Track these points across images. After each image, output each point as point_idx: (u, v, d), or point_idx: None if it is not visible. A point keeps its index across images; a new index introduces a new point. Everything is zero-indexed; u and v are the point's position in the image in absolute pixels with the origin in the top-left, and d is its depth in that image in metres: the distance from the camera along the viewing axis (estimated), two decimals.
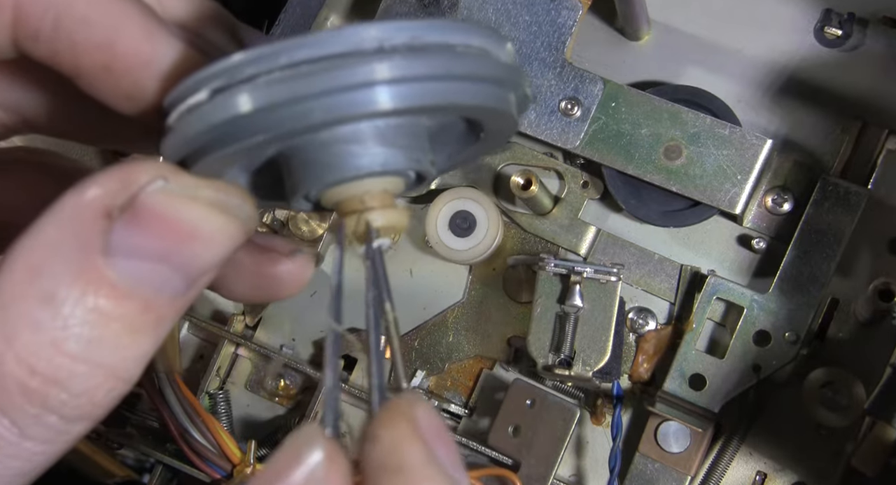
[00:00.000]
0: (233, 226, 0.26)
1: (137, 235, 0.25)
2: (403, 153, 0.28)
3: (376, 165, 0.27)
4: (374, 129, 0.27)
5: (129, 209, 0.25)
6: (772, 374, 0.55)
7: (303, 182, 0.28)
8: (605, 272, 0.55)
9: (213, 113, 0.25)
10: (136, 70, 0.28)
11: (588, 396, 0.61)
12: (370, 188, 0.28)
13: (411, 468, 0.24)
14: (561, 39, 0.58)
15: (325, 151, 0.27)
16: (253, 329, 0.68)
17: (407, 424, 0.25)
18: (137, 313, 0.25)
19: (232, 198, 0.26)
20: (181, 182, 0.25)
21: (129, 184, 0.25)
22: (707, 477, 0.58)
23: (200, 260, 0.26)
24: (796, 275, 0.55)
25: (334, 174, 0.27)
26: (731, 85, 0.60)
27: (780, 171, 0.58)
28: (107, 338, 0.25)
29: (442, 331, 0.64)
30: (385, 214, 0.28)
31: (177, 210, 0.25)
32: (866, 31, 0.58)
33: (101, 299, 0.24)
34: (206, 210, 0.25)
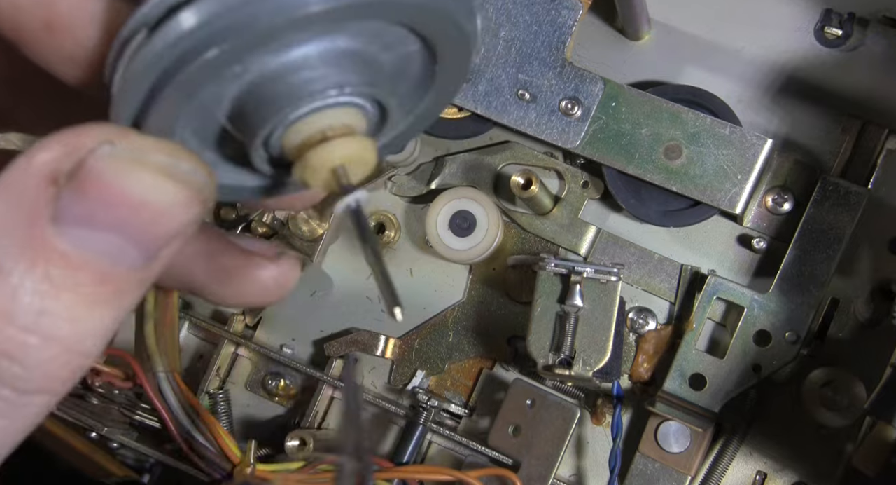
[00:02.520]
0: (184, 194, 0.25)
1: (85, 202, 0.24)
2: (357, 75, 0.27)
3: (332, 86, 0.27)
4: (325, 53, 0.26)
5: (75, 175, 0.24)
6: (772, 374, 0.55)
7: (260, 125, 0.27)
8: (606, 272, 0.55)
9: (156, 42, 0.24)
10: (77, 27, 0.27)
11: (588, 396, 0.61)
12: (330, 122, 0.27)
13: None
14: (561, 39, 0.58)
15: (277, 84, 0.26)
16: (253, 329, 0.68)
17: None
18: (92, 285, 0.24)
19: (183, 162, 0.25)
20: (129, 145, 0.24)
21: (75, 148, 0.24)
22: (707, 477, 0.58)
23: (154, 230, 0.25)
24: (796, 275, 0.55)
25: (291, 106, 0.26)
26: (732, 85, 0.60)
27: (781, 170, 0.58)
28: (59, 309, 0.24)
29: (442, 331, 0.64)
30: (348, 143, 0.27)
31: (123, 177, 0.24)
32: (866, 31, 0.58)
33: (51, 269, 0.23)
34: (155, 177, 0.24)
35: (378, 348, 0.64)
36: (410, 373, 0.64)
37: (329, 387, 0.65)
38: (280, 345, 0.67)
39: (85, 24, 0.27)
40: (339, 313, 0.66)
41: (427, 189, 0.64)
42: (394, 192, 0.65)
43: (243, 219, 0.66)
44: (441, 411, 0.63)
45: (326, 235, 0.65)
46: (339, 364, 0.65)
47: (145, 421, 0.64)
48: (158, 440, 0.64)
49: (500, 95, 0.59)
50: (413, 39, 0.29)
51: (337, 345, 0.65)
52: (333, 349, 0.65)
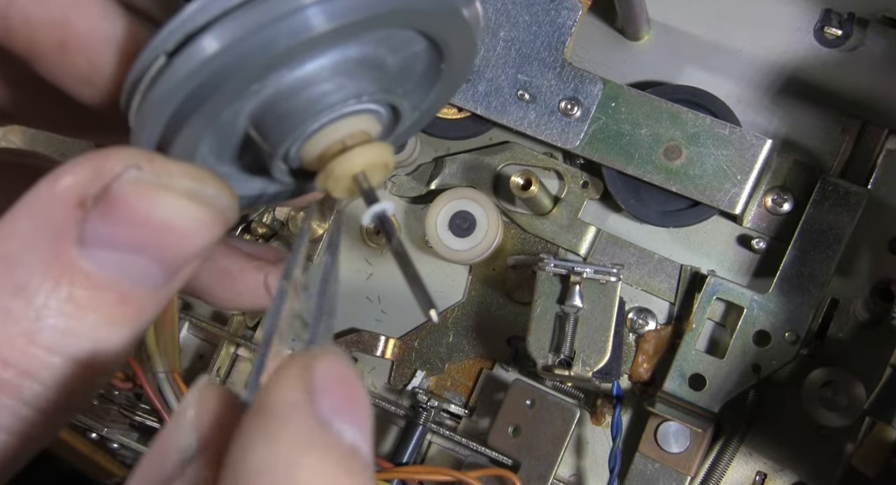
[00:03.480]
0: (209, 217, 0.25)
1: (111, 225, 0.24)
2: (372, 82, 0.28)
3: (349, 97, 0.27)
4: (338, 64, 0.27)
5: (102, 199, 0.24)
6: (772, 374, 0.55)
7: (279, 141, 0.27)
8: (605, 272, 0.55)
9: (179, 68, 0.24)
10: (92, 48, 0.27)
11: (588, 396, 0.61)
12: (348, 130, 0.28)
13: (278, 408, 0.22)
14: (561, 39, 0.58)
15: (295, 99, 0.27)
16: (253, 329, 0.68)
17: (298, 369, 0.23)
18: (114, 305, 0.24)
19: (208, 187, 0.25)
20: (156, 170, 0.25)
21: (102, 172, 0.24)
22: (707, 477, 0.58)
23: (178, 252, 0.25)
24: (796, 275, 0.55)
25: (310, 120, 0.27)
26: (731, 85, 0.60)
27: (780, 171, 0.58)
28: (82, 330, 0.24)
29: (442, 331, 0.64)
30: (367, 150, 0.28)
31: (150, 202, 0.24)
32: (866, 31, 0.58)
33: (75, 290, 0.24)
34: (181, 201, 0.25)
35: (378, 349, 0.64)
36: (410, 373, 0.64)
37: None
38: None
39: (101, 45, 0.27)
40: (339, 314, 0.66)
41: (427, 190, 0.64)
42: (393, 192, 0.65)
43: (243, 219, 0.66)
44: (441, 412, 0.63)
45: (326, 235, 0.65)
46: None
47: (145, 422, 0.64)
48: None
49: (499, 96, 0.59)
50: (419, 39, 0.29)
51: (336, 345, 0.65)
52: None
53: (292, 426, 0.21)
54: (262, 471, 0.21)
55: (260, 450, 0.21)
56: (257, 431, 0.21)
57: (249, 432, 0.22)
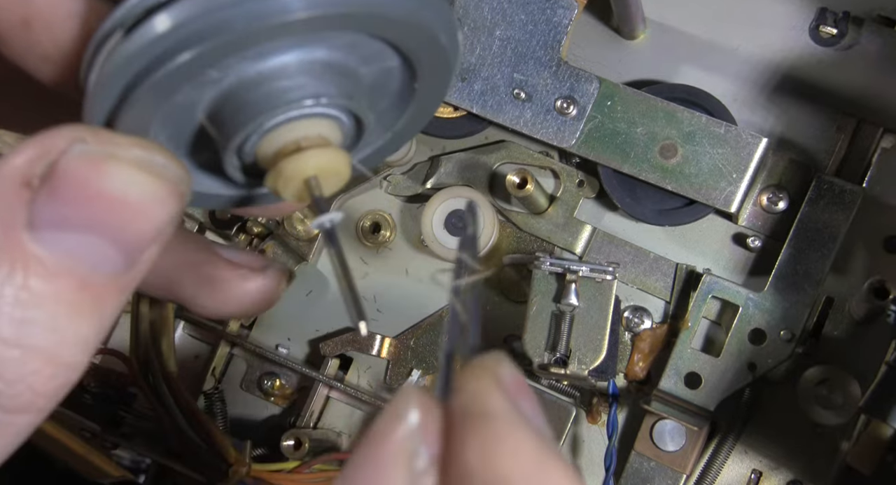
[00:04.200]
0: (162, 188, 0.24)
1: (61, 204, 0.23)
2: (335, 86, 0.27)
3: (308, 95, 0.26)
4: (303, 63, 0.26)
5: (48, 177, 0.23)
6: (767, 372, 0.55)
7: (235, 131, 0.27)
8: (601, 271, 0.55)
9: (131, 43, 0.24)
10: (55, 24, 0.26)
11: (584, 394, 0.61)
12: (305, 132, 0.27)
13: (495, 414, 0.23)
14: (556, 38, 0.58)
15: (254, 91, 0.26)
16: (248, 329, 0.68)
17: (490, 376, 0.24)
18: (73, 292, 0.23)
19: (157, 155, 0.24)
20: (101, 141, 0.23)
21: (47, 150, 0.23)
22: (702, 475, 0.58)
23: (134, 230, 0.24)
24: (791, 273, 0.55)
25: (266, 114, 0.26)
26: (727, 84, 0.60)
27: (776, 169, 0.58)
28: (40, 319, 0.23)
29: (437, 330, 0.64)
30: (322, 154, 0.27)
31: (98, 173, 0.23)
32: (861, 29, 0.58)
33: (30, 278, 0.23)
34: (131, 171, 0.23)
35: (374, 348, 0.64)
36: (406, 372, 0.64)
37: (325, 387, 0.65)
38: (275, 345, 0.67)
39: (63, 22, 0.26)
40: (335, 313, 0.66)
41: (422, 188, 0.64)
42: (389, 191, 0.65)
43: (239, 219, 0.66)
44: None
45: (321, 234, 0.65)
46: (335, 364, 0.65)
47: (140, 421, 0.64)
48: (154, 440, 0.64)
49: (495, 95, 0.59)
50: (393, 54, 0.29)
51: (332, 344, 0.65)
52: (329, 349, 0.64)
53: (519, 434, 0.22)
54: (509, 477, 0.22)
55: (505, 459, 0.22)
56: (491, 439, 0.22)
57: (483, 441, 0.22)
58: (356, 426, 0.66)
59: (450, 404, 0.24)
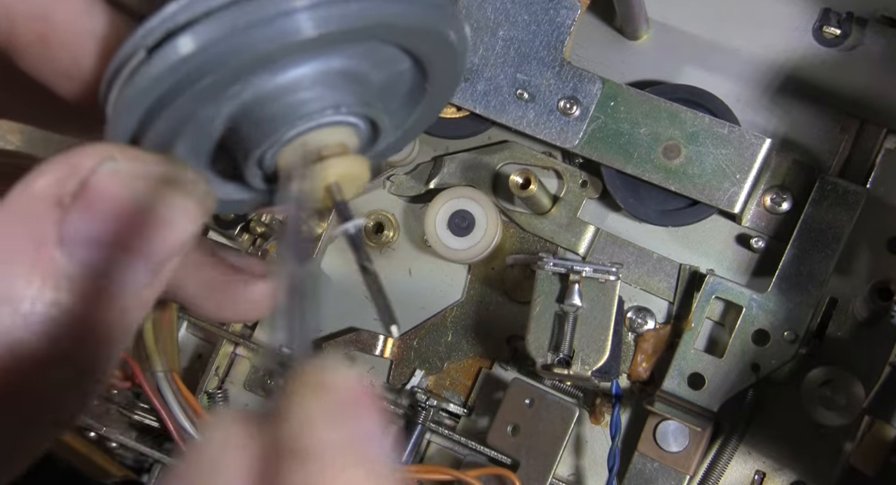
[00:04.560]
0: (189, 204, 0.25)
1: (91, 221, 0.23)
2: (352, 95, 0.27)
3: (328, 107, 0.27)
4: (320, 74, 0.27)
5: (80, 195, 0.23)
6: (771, 373, 0.55)
7: (256, 144, 0.27)
8: (604, 271, 0.55)
9: (155, 64, 0.24)
10: (73, 42, 0.26)
11: (587, 395, 0.61)
12: (325, 140, 0.27)
13: (321, 449, 0.21)
14: (559, 39, 0.58)
15: (273, 105, 0.27)
16: (252, 329, 0.68)
17: (318, 396, 0.22)
18: (102, 308, 0.24)
19: (185, 172, 0.25)
20: (130, 159, 0.24)
21: (77, 169, 0.24)
22: (706, 476, 0.58)
23: (161, 243, 0.24)
24: (795, 274, 0.55)
25: (287, 126, 0.27)
26: (730, 84, 0.60)
27: (779, 170, 0.58)
28: (70, 335, 0.24)
29: (441, 330, 0.64)
30: (341, 162, 0.27)
31: (129, 191, 0.24)
32: (865, 30, 0.58)
33: (60, 293, 0.23)
34: (159, 188, 0.24)
35: (377, 348, 0.64)
36: (409, 372, 0.64)
37: None
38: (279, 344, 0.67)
39: (82, 40, 0.27)
40: (338, 313, 0.66)
41: (426, 189, 0.64)
42: (392, 191, 0.65)
43: (241, 219, 0.66)
44: (440, 411, 0.63)
45: (325, 234, 0.65)
46: None
47: (144, 421, 0.64)
48: (157, 440, 0.64)
49: (498, 95, 0.59)
50: (404, 58, 0.29)
51: (335, 344, 0.65)
52: (332, 349, 0.65)
53: (349, 472, 0.20)
54: None
55: None
56: (315, 481, 0.20)
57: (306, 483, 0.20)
58: None
59: (274, 432, 0.22)
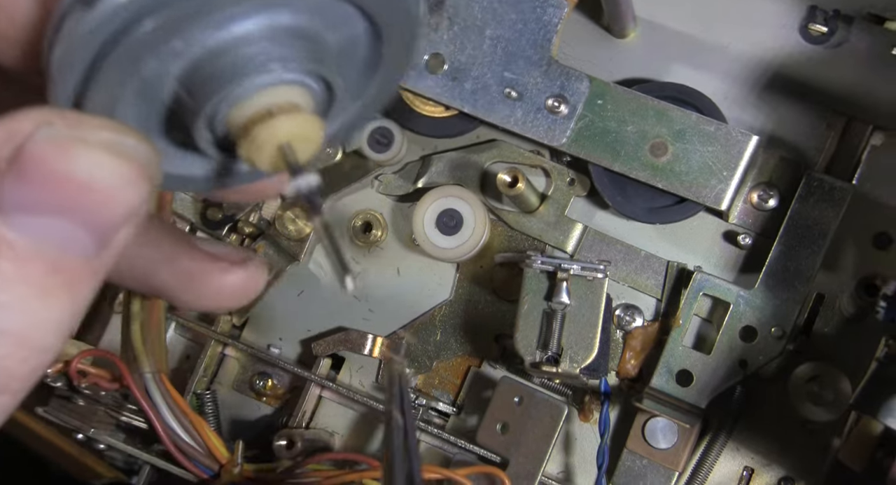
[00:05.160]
0: (131, 171, 0.24)
1: (29, 188, 0.23)
2: (301, 51, 0.27)
3: (275, 63, 0.26)
4: (267, 29, 0.26)
5: (15, 161, 0.23)
6: (758, 369, 0.56)
7: (204, 102, 0.27)
8: (592, 269, 0.55)
9: (91, 16, 0.24)
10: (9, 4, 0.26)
11: (576, 393, 0.61)
12: (275, 99, 0.27)
13: None
14: (547, 37, 0.58)
15: (219, 61, 0.26)
16: (240, 329, 0.67)
17: None
18: (44, 275, 0.23)
19: (127, 138, 0.24)
20: (69, 123, 0.23)
21: (12, 134, 0.23)
22: (694, 473, 0.58)
23: (104, 211, 0.24)
24: (782, 270, 0.55)
25: (234, 82, 0.26)
26: (717, 82, 0.60)
27: (766, 167, 0.58)
28: (11, 303, 0.23)
29: (429, 329, 0.64)
30: (293, 119, 0.27)
31: (66, 157, 0.23)
32: (851, 27, 0.58)
33: (1, 261, 0.23)
34: (99, 154, 0.23)
35: (366, 347, 0.64)
36: None
37: (317, 386, 0.65)
38: (267, 345, 0.67)
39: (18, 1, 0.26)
40: (327, 313, 0.66)
41: (414, 188, 0.64)
42: (380, 190, 0.65)
43: (230, 219, 0.66)
44: (429, 410, 0.63)
45: (313, 234, 0.65)
46: (327, 363, 0.65)
47: (132, 422, 0.64)
48: (146, 441, 0.64)
49: (486, 94, 0.59)
50: (359, 19, 0.29)
51: (324, 344, 0.64)
52: (321, 348, 0.64)
53: None
54: None
55: None
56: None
57: None
58: (349, 426, 0.66)
59: None
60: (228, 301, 0.32)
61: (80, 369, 0.61)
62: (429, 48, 0.59)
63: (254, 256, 0.33)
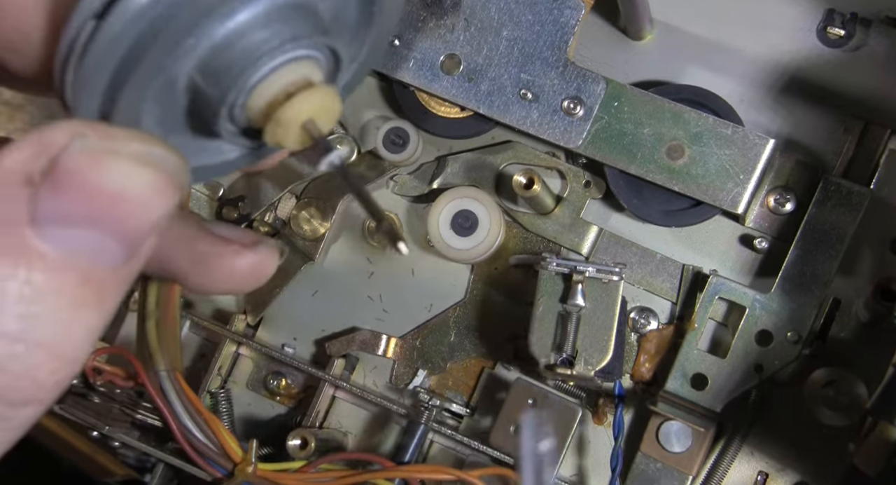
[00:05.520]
0: (160, 179, 0.24)
1: (63, 199, 0.23)
2: (307, 26, 0.27)
3: (286, 40, 0.27)
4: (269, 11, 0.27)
5: (50, 173, 0.23)
6: (774, 374, 0.55)
7: (223, 96, 0.27)
8: (608, 272, 0.55)
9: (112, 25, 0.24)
10: (17, 14, 0.26)
11: (590, 395, 0.61)
12: (290, 78, 0.27)
13: None
14: (563, 39, 0.58)
15: (231, 51, 0.26)
16: (254, 328, 0.68)
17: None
18: (75, 286, 0.24)
19: (157, 148, 0.24)
20: (101, 136, 0.24)
21: (47, 146, 0.23)
22: (709, 477, 0.58)
23: (134, 222, 0.24)
24: (798, 275, 0.55)
25: (249, 68, 0.27)
26: (734, 85, 0.60)
27: (783, 170, 0.58)
28: (44, 314, 0.23)
29: (444, 330, 0.64)
30: (312, 96, 0.27)
31: (100, 169, 0.23)
32: (869, 31, 0.58)
33: (33, 273, 0.23)
34: (131, 165, 0.24)
35: (380, 348, 0.64)
36: (412, 372, 0.64)
37: (331, 386, 0.65)
38: (281, 344, 0.67)
39: (26, 11, 0.26)
40: (341, 313, 0.66)
41: (429, 188, 0.64)
42: (396, 191, 0.65)
43: (245, 218, 0.66)
44: (442, 411, 0.63)
45: (328, 234, 0.65)
46: (341, 363, 0.65)
47: (147, 420, 0.64)
48: (160, 439, 0.65)
49: (502, 95, 0.59)
50: None
51: (338, 344, 0.65)
52: (335, 348, 0.65)
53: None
54: None
55: None
56: None
57: None
58: (362, 426, 0.66)
59: None
60: (240, 284, 0.32)
61: (96, 367, 0.61)
62: (445, 49, 0.59)
63: (265, 239, 0.33)
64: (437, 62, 0.59)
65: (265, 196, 0.66)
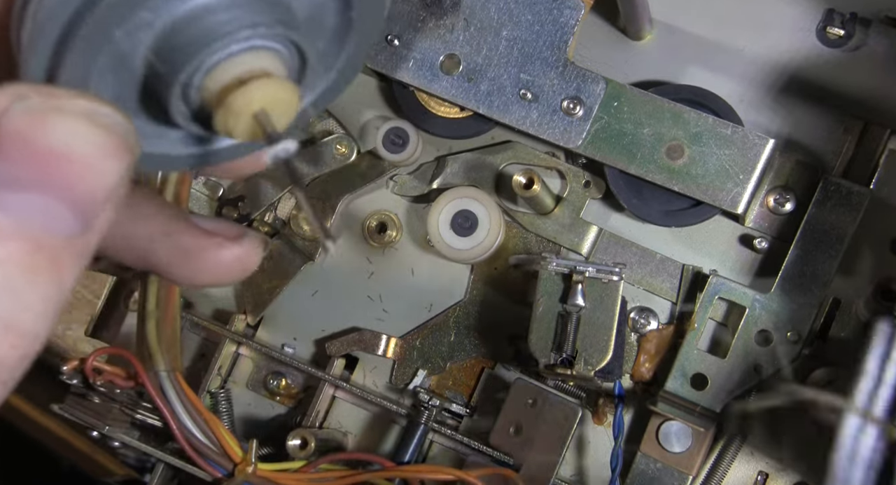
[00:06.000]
0: (110, 140, 0.23)
1: (7, 164, 0.22)
2: (269, 15, 0.27)
3: (246, 29, 0.26)
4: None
5: None
6: (774, 374, 0.55)
7: (176, 74, 0.26)
8: (607, 272, 0.55)
9: None
10: None
11: (590, 395, 0.61)
12: (247, 66, 0.27)
13: None
14: (563, 39, 0.58)
15: (188, 30, 0.26)
16: (254, 328, 0.68)
17: None
18: (27, 255, 0.23)
19: (103, 107, 0.24)
20: (45, 96, 0.23)
21: None
22: (709, 477, 0.58)
23: (85, 184, 0.23)
24: (798, 275, 0.55)
25: (204, 51, 0.26)
26: (734, 85, 0.60)
27: (783, 170, 0.58)
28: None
29: (443, 330, 0.64)
30: (267, 85, 0.26)
31: (43, 128, 0.22)
32: (868, 31, 0.58)
33: None
34: (76, 123, 0.23)
35: (379, 348, 0.64)
36: (412, 372, 0.64)
37: (330, 386, 0.65)
38: (281, 344, 0.67)
39: None
40: (341, 313, 0.66)
41: (429, 188, 0.64)
42: (395, 191, 0.65)
43: (245, 218, 0.66)
44: (442, 411, 0.63)
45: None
46: (340, 363, 0.65)
47: (147, 420, 0.64)
48: (160, 439, 0.64)
49: (501, 95, 0.59)
50: None
51: (338, 344, 0.65)
52: (335, 348, 0.65)
53: None
54: None
55: None
56: None
57: None
58: (362, 426, 0.66)
59: None
60: (225, 276, 0.32)
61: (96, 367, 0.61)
62: (444, 49, 0.59)
63: (249, 232, 0.33)
64: (436, 62, 0.59)
65: (265, 196, 0.66)
